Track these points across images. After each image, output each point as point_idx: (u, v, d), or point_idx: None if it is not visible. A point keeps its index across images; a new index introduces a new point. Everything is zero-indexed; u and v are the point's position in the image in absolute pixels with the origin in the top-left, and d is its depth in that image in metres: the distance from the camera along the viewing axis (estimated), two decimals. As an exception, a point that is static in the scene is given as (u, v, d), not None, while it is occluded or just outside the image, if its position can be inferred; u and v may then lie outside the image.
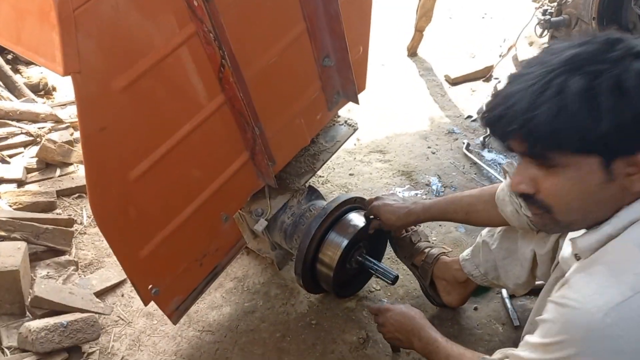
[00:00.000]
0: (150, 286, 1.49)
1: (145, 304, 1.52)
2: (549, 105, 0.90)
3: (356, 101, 1.85)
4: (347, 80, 1.79)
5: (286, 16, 1.58)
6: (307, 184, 1.92)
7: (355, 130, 2.11)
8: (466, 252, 1.80)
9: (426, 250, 1.90)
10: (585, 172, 0.94)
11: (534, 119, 0.91)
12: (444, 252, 1.91)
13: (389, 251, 2.02)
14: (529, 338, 1.08)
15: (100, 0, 1.08)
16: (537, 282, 1.70)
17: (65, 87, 3.20)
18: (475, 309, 1.93)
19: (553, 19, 2.22)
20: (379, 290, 2.00)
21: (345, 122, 2.11)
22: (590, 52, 0.92)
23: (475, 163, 2.59)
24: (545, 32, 2.30)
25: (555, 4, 2.22)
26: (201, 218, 1.57)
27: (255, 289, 2.05)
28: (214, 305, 2.00)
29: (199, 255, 1.64)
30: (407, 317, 1.54)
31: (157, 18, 1.22)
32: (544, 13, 2.24)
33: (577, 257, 1.09)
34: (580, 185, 0.96)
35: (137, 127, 1.29)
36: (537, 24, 2.28)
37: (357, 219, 1.79)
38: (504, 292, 1.93)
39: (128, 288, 2.06)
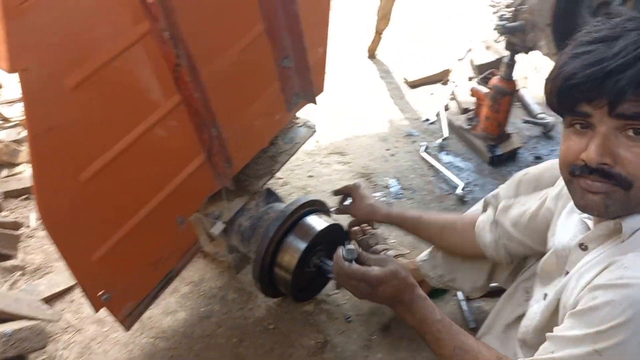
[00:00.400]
0: (101, 292, 1.44)
1: (96, 310, 1.47)
2: None
3: (314, 102, 1.85)
4: (306, 81, 1.78)
5: (245, 16, 1.56)
6: (265, 186, 1.89)
7: (314, 132, 2.10)
8: (424, 254, 1.81)
9: (382, 253, 1.92)
10: None
11: None
12: (401, 254, 1.93)
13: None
14: (563, 333, 0.99)
15: (49, -7, 1.04)
16: (491, 285, 1.73)
17: (12, 84, 3.08)
18: (433, 311, 1.94)
19: (508, 24, 2.25)
20: (338, 293, 1.99)
21: (305, 123, 2.11)
22: None
23: (432, 165, 2.61)
24: (502, 37, 2.34)
25: (513, 9, 2.26)
26: (156, 221, 1.52)
27: (212, 293, 2.01)
28: (169, 310, 1.95)
29: (154, 259, 1.60)
30: (400, 289, 1.26)
31: (110, 14, 1.18)
32: (501, 18, 2.28)
33: (583, 246, 1.07)
34: None
35: (89, 126, 1.24)
36: (494, 28, 2.32)
37: (316, 222, 1.77)
38: (460, 294, 1.95)
39: (78, 293, 1.98)
